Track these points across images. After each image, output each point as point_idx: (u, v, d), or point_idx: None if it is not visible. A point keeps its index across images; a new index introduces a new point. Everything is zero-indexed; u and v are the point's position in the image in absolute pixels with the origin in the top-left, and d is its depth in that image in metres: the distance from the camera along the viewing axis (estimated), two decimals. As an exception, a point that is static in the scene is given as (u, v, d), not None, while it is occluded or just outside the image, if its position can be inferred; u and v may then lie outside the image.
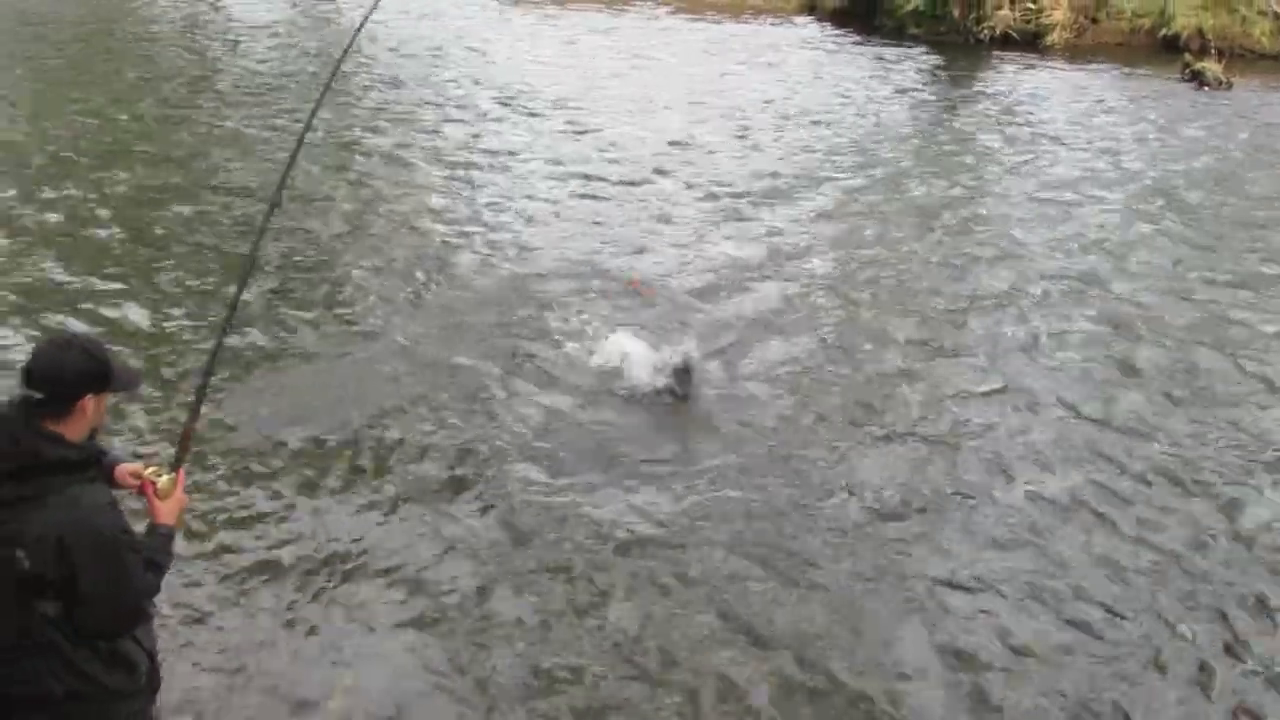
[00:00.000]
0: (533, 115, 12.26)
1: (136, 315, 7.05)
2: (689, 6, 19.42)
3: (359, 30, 4.19)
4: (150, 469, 2.93)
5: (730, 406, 6.18)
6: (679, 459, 5.67)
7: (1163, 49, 15.54)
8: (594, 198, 9.62)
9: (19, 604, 2.57)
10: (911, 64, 15.47)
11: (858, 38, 17.07)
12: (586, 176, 10.18)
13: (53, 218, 8.70)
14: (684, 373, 6.15)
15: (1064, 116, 12.68)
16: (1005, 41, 16.46)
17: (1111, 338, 7.16)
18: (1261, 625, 4.56)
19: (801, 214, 9.39)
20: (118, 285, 7.47)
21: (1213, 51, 14.93)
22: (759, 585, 4.71)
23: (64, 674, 2.65)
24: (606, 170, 10.40)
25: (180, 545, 3.66)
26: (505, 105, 12.64)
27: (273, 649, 4.26)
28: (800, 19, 18.63)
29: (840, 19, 18.25)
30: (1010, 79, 14.67)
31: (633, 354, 6.43)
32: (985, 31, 16.66)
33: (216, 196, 9.32)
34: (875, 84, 14.26)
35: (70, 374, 2.63)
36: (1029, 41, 16.35)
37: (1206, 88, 13.84)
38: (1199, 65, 14.22)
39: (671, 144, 11.31)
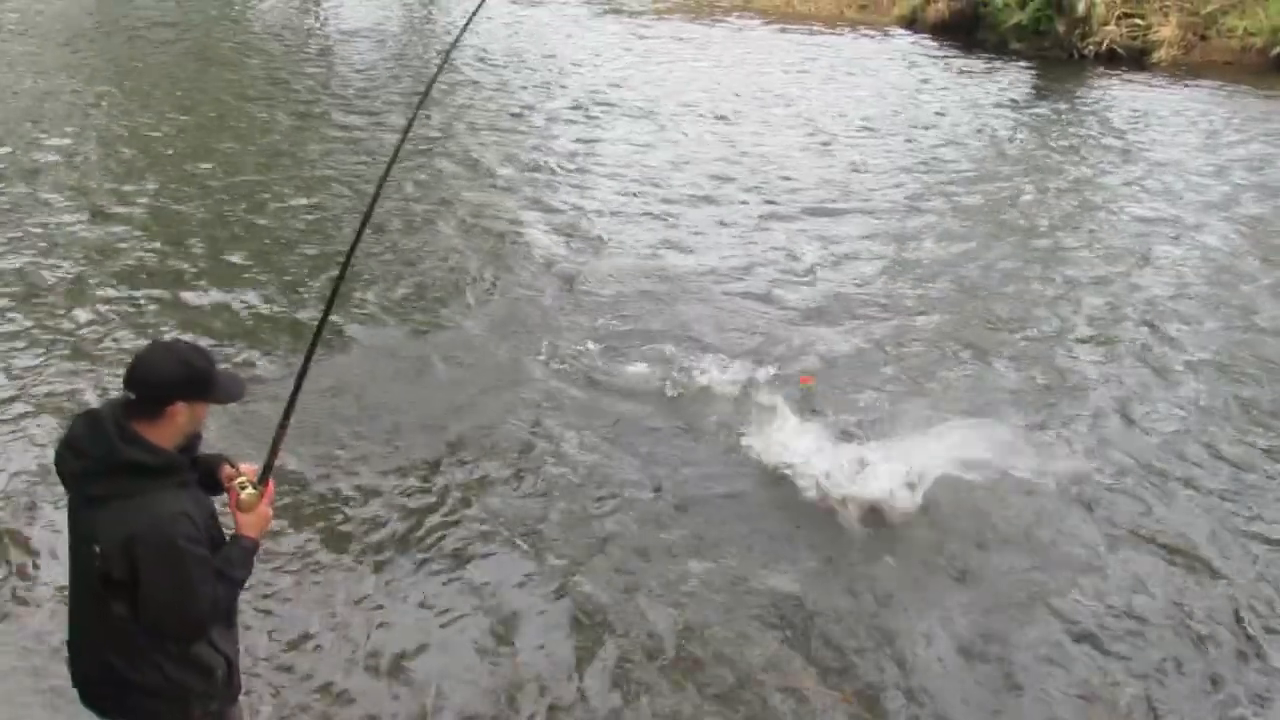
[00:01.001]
0: (613, 124, 12.50)
1: (219, 317, 7.36)
2: (784, 18, 19.48)
3: (456, 41, 4.46)
4: (240, 479, 2.89)
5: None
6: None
7: (1275, 68, 15.14)
8: (665, 215, 9.69)
9: (99, 598, 2.65)
10: (1013, 79, 15.34)
11: (958, 52, 16.94)
12: (661, 188, 10.34)
13: (143, 214, 9.17)
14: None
15: (1170, 136, 12.45)
16: (1110, 58, 16.17)
17: (1226, 373, 6.94)
18: None
19: (894, 230, 9.42)
20: (204, 287, 7.83)
21: (1329, 71, 14.54)
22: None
23: (139, 667, 2.71)
24: (683, 183, 10.52)
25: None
26: (585, 114, 12.91)
27: (352, 658, 4.40)
28: (899, 32, 18.56)
29: (940, 33, 18.11)
30: (1115, 96, 14.44)
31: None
32: (1090, 48, 16.41)
33: (306, 198, 9.71)
34: (975, 99, 14.18)
35: (161, 378, 2.64)
36: (1135, 58, 16.04)
37: (1322, 109, 13.49)
38: (1315, 86, 13.87)
39: (758, 156, 11.43)
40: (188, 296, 7.65)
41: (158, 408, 2.64)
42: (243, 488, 2.87)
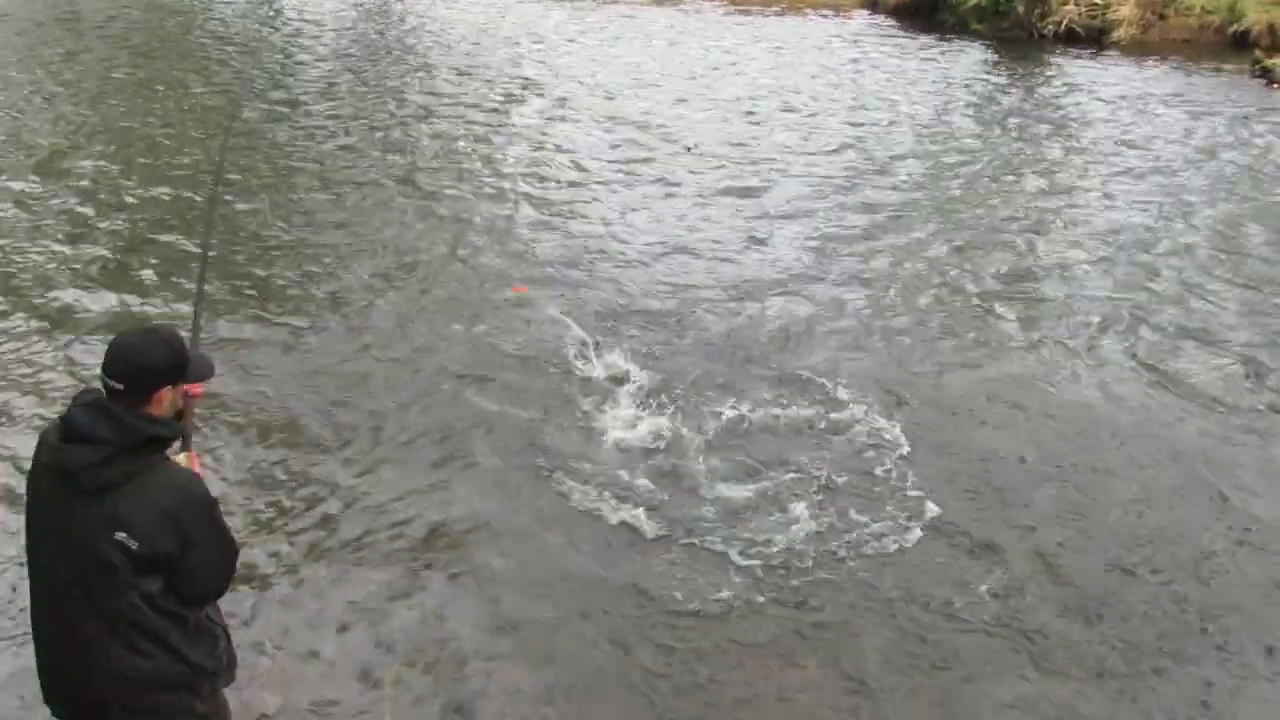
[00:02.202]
0: (548, 106, 12.44)
1: (125, 293, 7.20)
2: (743, 1, 19.37)
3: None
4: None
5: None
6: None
7: (1232, 45, 15.11)
8: (582, 193, 9.56)
9: (116, 590, 2.58)
10: (970, 59, 15.26)
11: (918, 34, 16.85)
12: (583, 168, 10.17)
13: (63, 207, 8.93)
14: None
15: (1128, 114, 12.32)
16: (1070, 38, 16.13)
17: (1196, 359, 6.65)
18: None
19: (845, 214, 9.19)
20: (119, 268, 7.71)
21: (1285, 48, 14.51)
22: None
23: (154, 656, 2.66)
24: (607, 162, 10.36)
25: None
26: (517, 97, 12.85)
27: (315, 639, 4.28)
28: (860, 14, 18.47)
29: (901, 15, 18.04)
30: (1073, 75, 14.34)
31: None
32: (1049, 27, 16.37)
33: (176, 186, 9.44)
34: (928, 78, 14.07)
35: (150, 365, 2.64)
36: (1094, 38, 16.01)
37: (1276, 85, 13.45)
38: (1269, 62, 13.82)
39: (686, 134, 11.31)
40: (103, 278, 7.52)
41: (146, 394, 2.62)
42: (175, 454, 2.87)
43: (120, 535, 2.52)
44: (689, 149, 10.78)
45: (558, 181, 9.81)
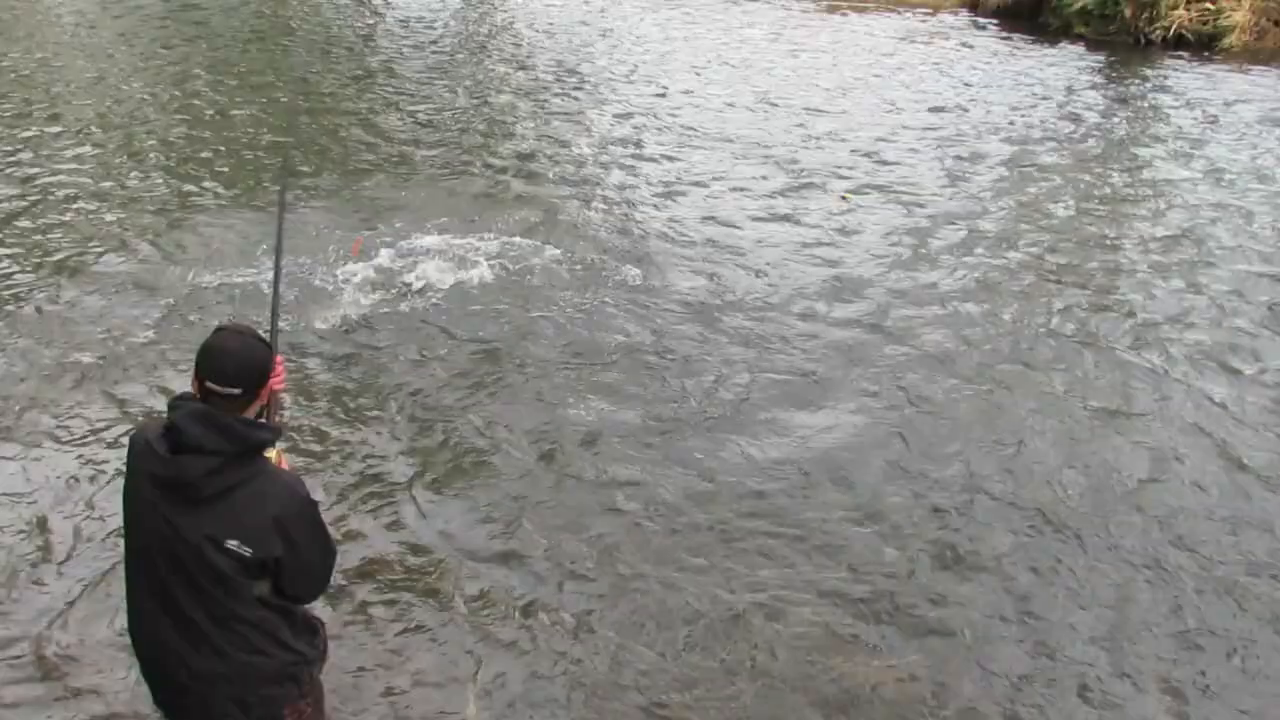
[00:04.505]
0: (621, 100, 12.54)
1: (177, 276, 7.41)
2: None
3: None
4: None
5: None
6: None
7: (1354, 55, 14.58)
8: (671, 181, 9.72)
9: (226, 594, 2.66)
10: (1073, 63, 14.92)
11: (1019, 36, 16.53)
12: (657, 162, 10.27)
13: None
14: None
15: (1240, 123, 11.93)
16: (1179, 43, 15.68)
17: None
18: None
19: (945, 218, 9.05)
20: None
21: None
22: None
23: (269, 649, 2.76)
24: (693, 154, 10.48)
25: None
26: (578, 87, 13.04)
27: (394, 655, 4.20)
28: (961, 14, 18.19)
29: (1003, 15, 17.72)
30: (1182, 83, 13.88)
31: None
32: (1158, 32, 15.93)
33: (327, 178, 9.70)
34: (1031, 84, 13.78)
35: (262, 367, 2.70)
36: (1204, 43, 15.52)
37: (1399, 98, 12.93)
38: (1392, 73, 13.30)
39: (806, 140, 11.32)
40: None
41: (256, 393, 2.70)
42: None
43: (232, 543, 2.59)
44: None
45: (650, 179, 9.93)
